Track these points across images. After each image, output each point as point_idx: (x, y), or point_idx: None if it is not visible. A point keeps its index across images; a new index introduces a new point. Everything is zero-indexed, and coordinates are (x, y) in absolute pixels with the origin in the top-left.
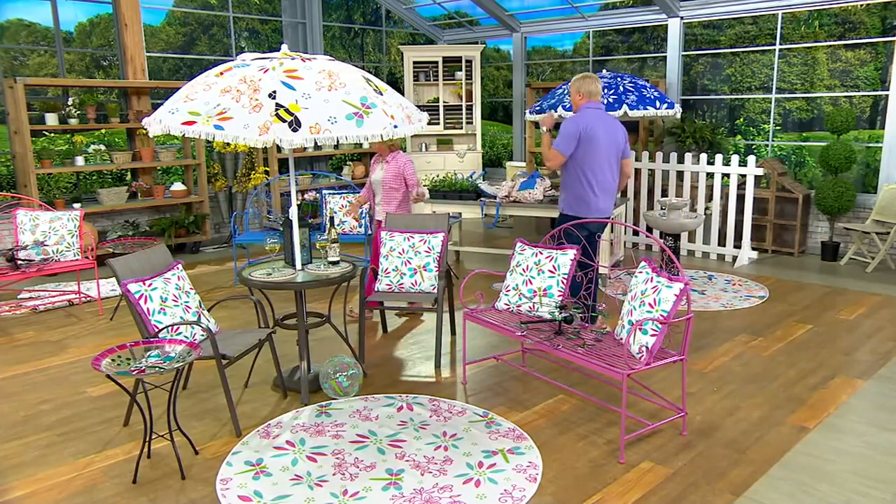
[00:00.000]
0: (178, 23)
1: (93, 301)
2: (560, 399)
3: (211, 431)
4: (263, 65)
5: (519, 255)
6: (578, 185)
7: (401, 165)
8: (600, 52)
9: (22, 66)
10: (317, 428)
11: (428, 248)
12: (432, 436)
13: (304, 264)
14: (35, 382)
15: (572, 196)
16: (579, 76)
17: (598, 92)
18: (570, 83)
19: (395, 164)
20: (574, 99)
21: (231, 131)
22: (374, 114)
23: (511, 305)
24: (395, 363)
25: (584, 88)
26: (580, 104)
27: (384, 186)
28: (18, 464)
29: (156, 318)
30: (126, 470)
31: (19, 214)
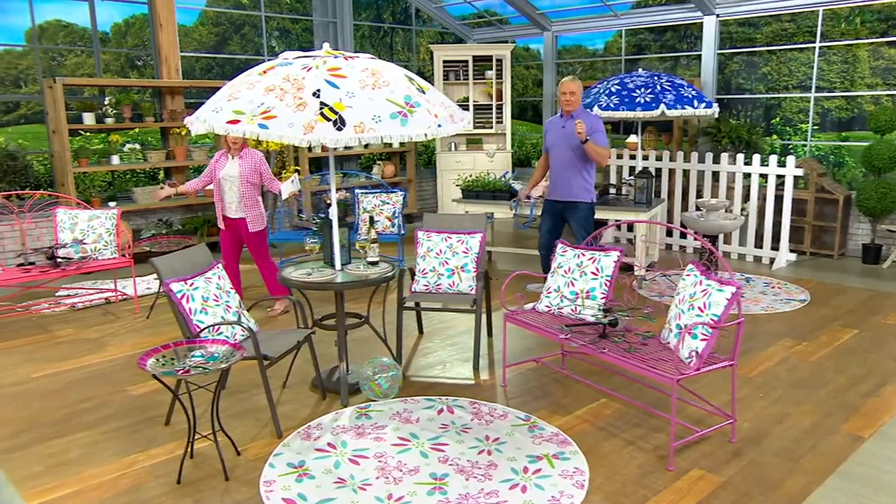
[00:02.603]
0: (211, 22)
1: (129, 299)
2: (603, 403)
3: (251, 432)
4: (306, 63)
5: (560, 257)
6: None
7: (257, 161)
8: (632, 50)
9: (59, 67)
10: (357, 430)
11: (466, 248)
12: (475, 440)
13: (344, 264)
14: (76, 380)
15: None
16: (578, 79)
17: None
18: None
19: (251, 160)
20: (580, 98)
21: (275, 130)
22: (418, 112)
23: (553, 307)
24: (432, 365)
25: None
26: (581, 103)
27: (242, 182)
28: (64, 462)
29: (197, 318)
30: (170, 470)
31: (59, 213)
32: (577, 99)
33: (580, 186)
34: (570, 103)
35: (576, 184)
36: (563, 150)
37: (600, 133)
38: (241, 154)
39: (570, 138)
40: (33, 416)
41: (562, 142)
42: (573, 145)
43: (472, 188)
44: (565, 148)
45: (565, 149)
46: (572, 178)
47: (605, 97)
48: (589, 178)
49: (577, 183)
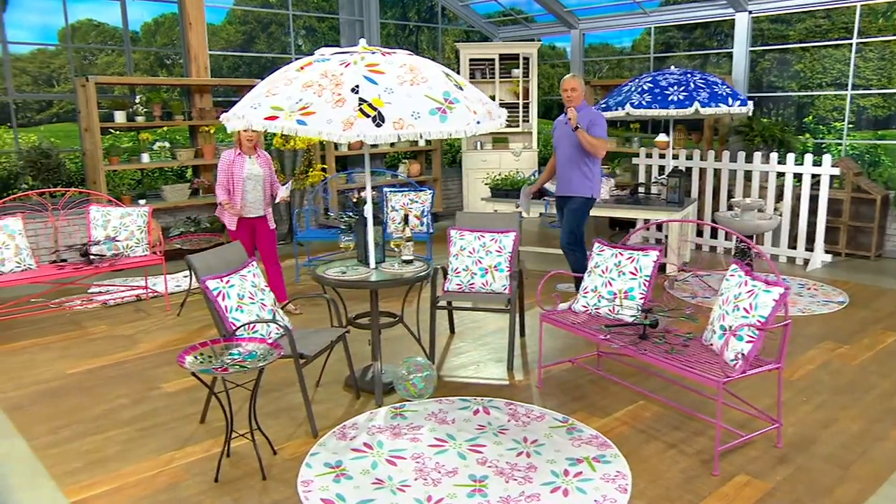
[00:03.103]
0: (238, 21)
1: (159, 296)
2: (641, 405)
3: (287, 431)
4: (344, 59)
5: (598, 256)
6: (600, 171)
7: (268, 160)
8: (660, 48)
9: (90, 66)
10: (393, 430)
11: (499, 247)
12: (512, 441)
13: (378, 262)
14: (111, 377)
15: (599, 179)
16: (578, 75)
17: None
18: (573, 80)
19: (267, 159)
20: (581, 95)
21: (314, 126)
22: (457, 109)
23: (590, 307)
24: (465, 365)
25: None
26: (583, 99)
27: (265, 181)
28: (102, 458)
29: (233, 316)
30: (207, 468)
31: (92, 210)
32: (577, 95)
33: (579, 181)
34: (571, 100)
35: (575, 179)
36: (565, 146)
37: (598, 127)
38: (257, 153)
39: (570, 134)
40: (70, 412)
41: (563, 138)
42: (573, 141)
43: (501, 187)
44: (567, 144)
45: (567, 145)
46: (572, 172)
47: (637, 95)
48: (590, 173)
49: (576, 178)
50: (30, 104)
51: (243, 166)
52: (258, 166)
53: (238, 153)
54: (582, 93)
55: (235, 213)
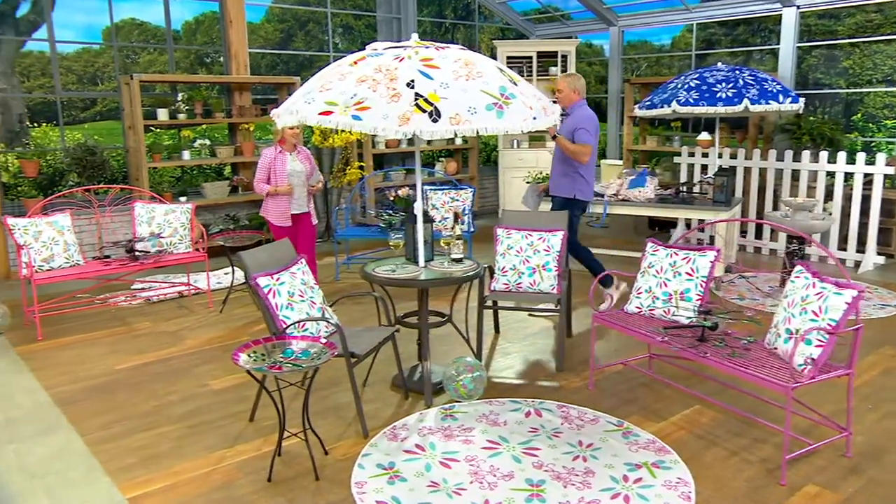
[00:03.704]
0: (277, 19)
1: (201, 293)
2: (697, 410)
3: (336, 431)
4: (398, 53)
5: (651, 256)
6: (590, 173)
7: (309, 156)
8: (700, 45)
9: (133, 64)
10: (444, 432)
11: (547, 246)
12: (567, 445)
13: (427, 261)
14: (158, 373)
15: (589, 181)
16: (572, 75)
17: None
18: (561, 80)
19: (307, 155)
20: (569, 95)
21: (369, 122)
22: (514, 104)
23: (643, 308)
24: (512, 365)
25: (579, 86)
26: (574, 101)
27: (307, 178)
28: (155, 455)
29: (283, 314)
30: (259, 467)
31: (137, 207)
32: (564, 97)
33: (562, 181)
34: (559, 101)
35: (561, 178)
36: (556, 147)
37: (582, 132)
38: (297, 150)
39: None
40: (121, 408)
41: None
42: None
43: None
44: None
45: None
46: (559, 172)
47: (684, 92)
48: (575, 174)
49: (561, 178)
50: (75, 102)
51: (285, 163)
52: (299, 162)
53: (279, 150)
54: (572, 93)
55: (286, 191)
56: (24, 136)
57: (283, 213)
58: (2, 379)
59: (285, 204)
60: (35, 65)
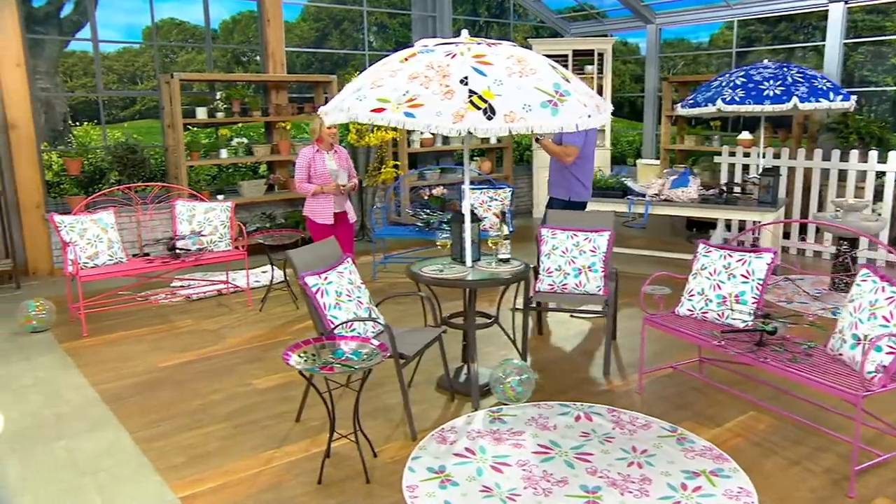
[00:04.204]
0: (312, 18)
1: (239, 291)
2: (752, 416)
3: (384, 432)
4: (450, 50)
5: (704, 258)
6: (586, 174)
7: (346, 155)
8: (741, 43)
9: (171, 63)
10: (494, 435)
11: (593, 247)
12: (621, 450)
13: (474, 261)
14: (201, 371)
15: (585, 183)
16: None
17: None
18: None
19: (342, 153)
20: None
21: (422, 119)
22: (568, 102)
23: (696, 311)
24: (558, 367)
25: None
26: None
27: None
28: (203, 454)
29: (332, 314)
30: (308, 468)
31: (178, 205)
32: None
33: (558, 183)
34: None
35: (557, 181)
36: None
37: (568, 134)
38: (335, 148)
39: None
40: (167, 406)
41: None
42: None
43: None
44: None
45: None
46: (555, 175)
47: (730, 90)
48: (569, 176)
49: (558, 180)
50: (115, 101)
51: (323, 162)
52: (335, 161)
53: (316, 149)
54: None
55: (332, 190)
56: (66, 135)
57: (326, 212)
58: (49, 375)
59: (329, 202)
60: (77, 64)
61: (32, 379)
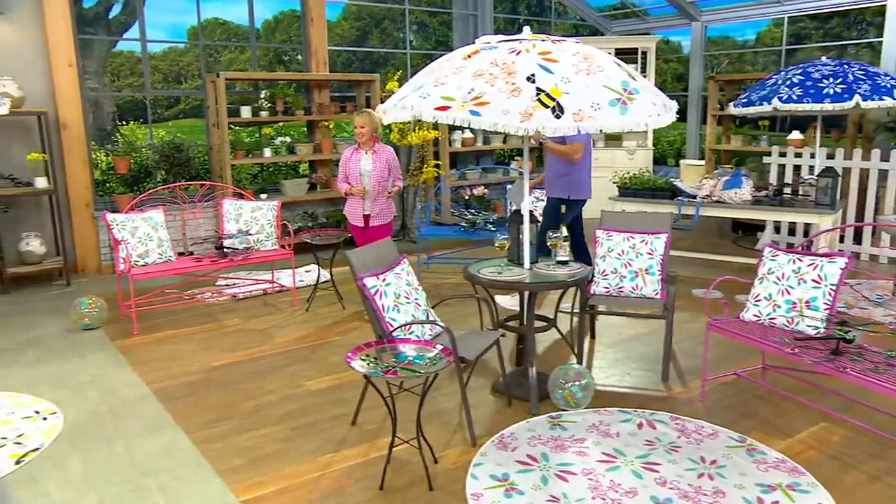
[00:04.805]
0: (353, 17)
1: (284, 291)
2: (825, 427)
3: (442, 437)
4: (514, 46)
5: (771, 262)
6: (587, 171)
7: (388, 156)
8: (789, 40)
9: (215, 62)
10: (556, 442)
11: (650, 249)
12: (689, 461)
13: (532, 263)
14: (252, 371)
15: (584, 181)
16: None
17: None
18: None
19: (383, 155)
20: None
21: (489, 117)
22: (638, 100)
23: (762, 317)
24: (614, 372)
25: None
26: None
27: (374, 178)
28: (262, 456)
29: (390, 316)
30: (368, 474)
31: (225, 204)
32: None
33: (557, 182)
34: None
35: (555, 179)
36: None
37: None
38: (374, 149)
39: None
40: (223, 407)
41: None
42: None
43: (630, 186)
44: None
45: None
46: (553, 173)
47: (786, 88)
48: (568, 174)
49: (556, 178)
50: (160, 101)
51: (358, 162)
52: (370, 162)
53: (355, 149)
54: None
55: (358, 192)
56: (113, 134)
57: (355, 213)
58: (104, 372)
59: (357, 203)
60: (125, 64)
61: (88, 376)
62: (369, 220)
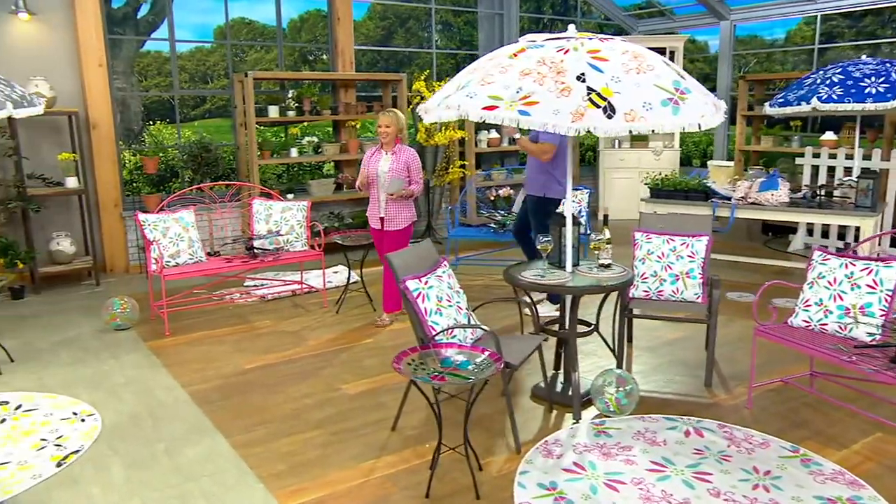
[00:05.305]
0: (378, 17)
1: (313, 292)
2: (880, 438)
3: (484, 444)
4: (561, 45)
5: (821, 266)
6: (563, 171)
7: (409, 158)
8: (820, 39)
9: (241, 62)
10: (602, 449)
11: (691, 252)
12: (741, 471)
13: (574, 265)
14: (287, 374)
15: (560, 180)
16: None
17: None
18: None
19: (403, 156)
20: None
21: (538, 117)
22: (690, 100)
23: (812, 323)
24: (655, 377)
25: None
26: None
27: (391, 179)
28: (304, 462)
29: (432, 319)
30: (413, 481)
31: (255, 204)
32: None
33: (535, 180)
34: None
35: (535, 177)
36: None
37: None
38: (393, 149)
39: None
40: (260, 410)
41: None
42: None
43: (662, 188)
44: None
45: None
46: (532, 171)
47: (826, 88)
48: (545, 173)
49: (536, 176)
50: (186, 100)
51: (376, 163)
52: (388, 163)
53: (377, 149)
54: None
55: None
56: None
57: (372, 215)
58: (139, 374)
59: (374, 205)
60: (152, 64)
61: (123, 378)
62: (384, 223)
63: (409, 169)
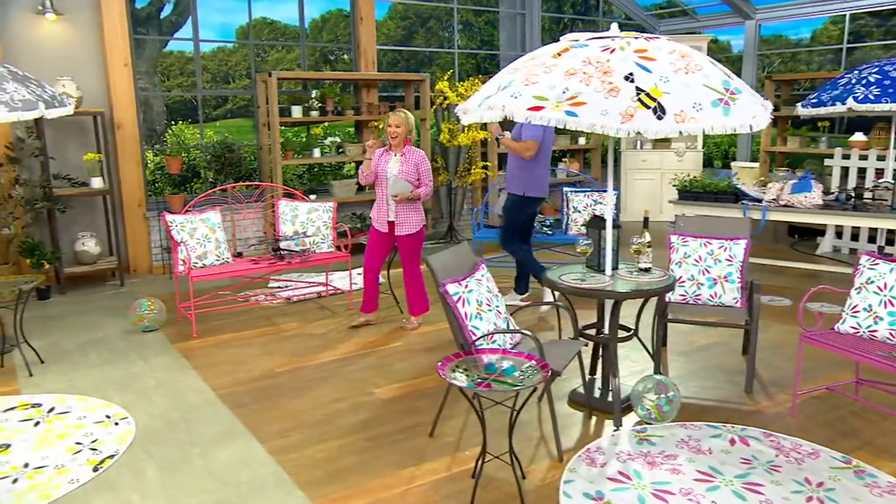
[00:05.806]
0: (399, 16)
1: (339, 294)
2: None
3: (526, 452)
4: (607, 44)
5: (869, 270)
6: (543, 168)
7: (418, 160)
8: (848, 38)
9: (263, 62)
10: (646, 458)
11: (729, 256)
12: (793, 482)
13: (613, 269)
14: (317, 378)
15: (541, 179)
16: None
17: None
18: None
19: (412, 158)
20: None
21: (586, 118)
22: (740, 100)
23: (861, 329)
24: (693, 383)
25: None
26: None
27: (395, 181)
28: (342, 469)
29: (472, 324)
30: (455, 490)
31: (281, 205)
32: None
33: (512, 177)
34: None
35: (516, 175)
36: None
37: (526, 129)
38: (402, 151)
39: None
40: (293, 414)
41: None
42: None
43: (690, 189)
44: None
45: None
46: (512, 169)
47: (862, 88)
48: (526, 171)
49: (516, 174)
50: (208, 100)
51: (387, 163)
52: (397, 164)
53: (386, 149)
54: None
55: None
56: (163, 135)
57: (379, 217)
58: (169, 376)
59: (381, 207)
60: (174, 64)
61: (153, 380)
62: (394, 228)
63: (419, 171)
